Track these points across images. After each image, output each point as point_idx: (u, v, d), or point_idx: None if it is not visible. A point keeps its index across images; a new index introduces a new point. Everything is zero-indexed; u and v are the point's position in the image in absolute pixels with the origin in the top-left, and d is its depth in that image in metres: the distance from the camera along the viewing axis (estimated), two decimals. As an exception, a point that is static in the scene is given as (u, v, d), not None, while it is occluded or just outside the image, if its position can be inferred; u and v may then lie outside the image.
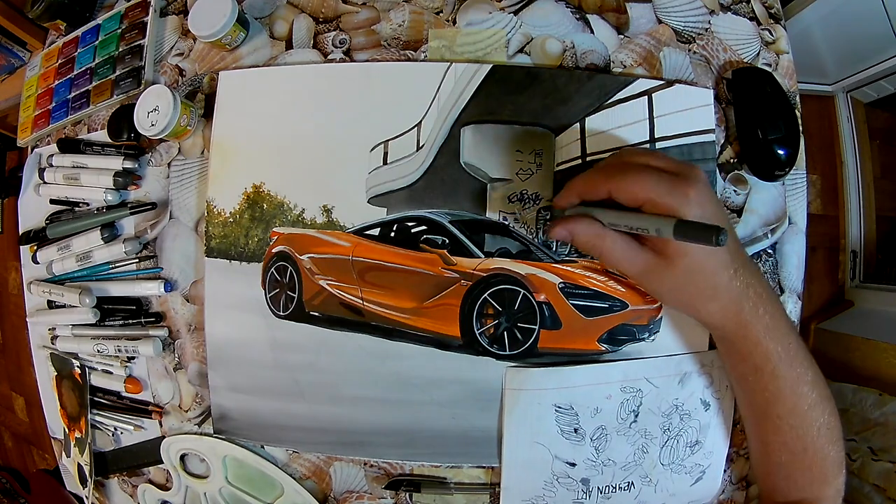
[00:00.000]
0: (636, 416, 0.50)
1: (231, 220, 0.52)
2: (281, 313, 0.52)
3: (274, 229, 0.52)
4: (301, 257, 0.52)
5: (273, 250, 0.52)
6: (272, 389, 0.52)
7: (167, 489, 0.58)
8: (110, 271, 0.56)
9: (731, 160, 0.51)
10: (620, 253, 0.40)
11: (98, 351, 0.55)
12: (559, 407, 0.49)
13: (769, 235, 0.51)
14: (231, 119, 0.53)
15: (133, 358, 0.56)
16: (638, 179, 0.38)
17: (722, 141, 0.51)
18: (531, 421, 0.49)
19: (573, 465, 0.50)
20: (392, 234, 0.50)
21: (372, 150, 0.50)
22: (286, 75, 0.53)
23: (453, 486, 0.53)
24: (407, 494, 0.54)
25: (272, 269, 0.52)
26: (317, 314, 0.52)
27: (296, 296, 0.52)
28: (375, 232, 0.50)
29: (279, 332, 0.51)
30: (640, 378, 0.49)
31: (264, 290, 0.52)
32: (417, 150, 0.50)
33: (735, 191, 0.51)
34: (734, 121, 0.51)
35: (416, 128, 0.50)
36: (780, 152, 0.50)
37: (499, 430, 0.50)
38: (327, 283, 0.51)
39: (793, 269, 0.52)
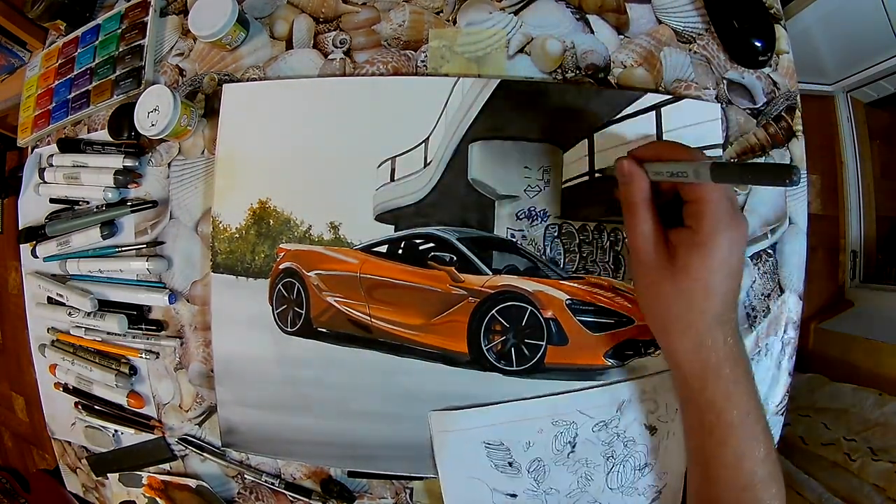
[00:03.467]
0: (573, 446, 0.49)
1: (237, 235, 0.52)
2: (288, 329, 0.52)
3: (281, 245, 0.52)
4: (308, 274, 0.51)
5: (280, 267, 0.52)
6: (280, 404, 0.52)
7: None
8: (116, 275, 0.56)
9: (732, 160, 0.51)
10: (646, 229, 0.40)
11: (69, 314, 0.56)
12: (489, 443, 0.49)
13: (769, 235, 0.51)
14: (236, 133, 0.53)
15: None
16: (679, 146, 0.41)
17: (722, 142, 0.51)
18: (463, 459, 0.49)
19: (514, 496, 0.50)
20: (400, 251, 0.50)
21: (379, 166, 0.50)
22: (292, 89, 0.53)
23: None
24: (407, 494, 0.54)
25: (279, 285, 0.52)
26: (324, 330, 0.52)
27: (303, 312, 0.52)
28: (383, 249, 0.50)
29: (287, 347, 0.51)
30: (571, 411, 0.48)
31: (271, 306, 0.52)
32: (425, 167, 0.50)
33: (735, 191, 0.51)
34: (709, 16, 0.52)
35: (423, 144, 0.50)
36: (757, 44, 0.51)
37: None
38: (335, 300, 0.51)
39: (793, 269, 0.51)
